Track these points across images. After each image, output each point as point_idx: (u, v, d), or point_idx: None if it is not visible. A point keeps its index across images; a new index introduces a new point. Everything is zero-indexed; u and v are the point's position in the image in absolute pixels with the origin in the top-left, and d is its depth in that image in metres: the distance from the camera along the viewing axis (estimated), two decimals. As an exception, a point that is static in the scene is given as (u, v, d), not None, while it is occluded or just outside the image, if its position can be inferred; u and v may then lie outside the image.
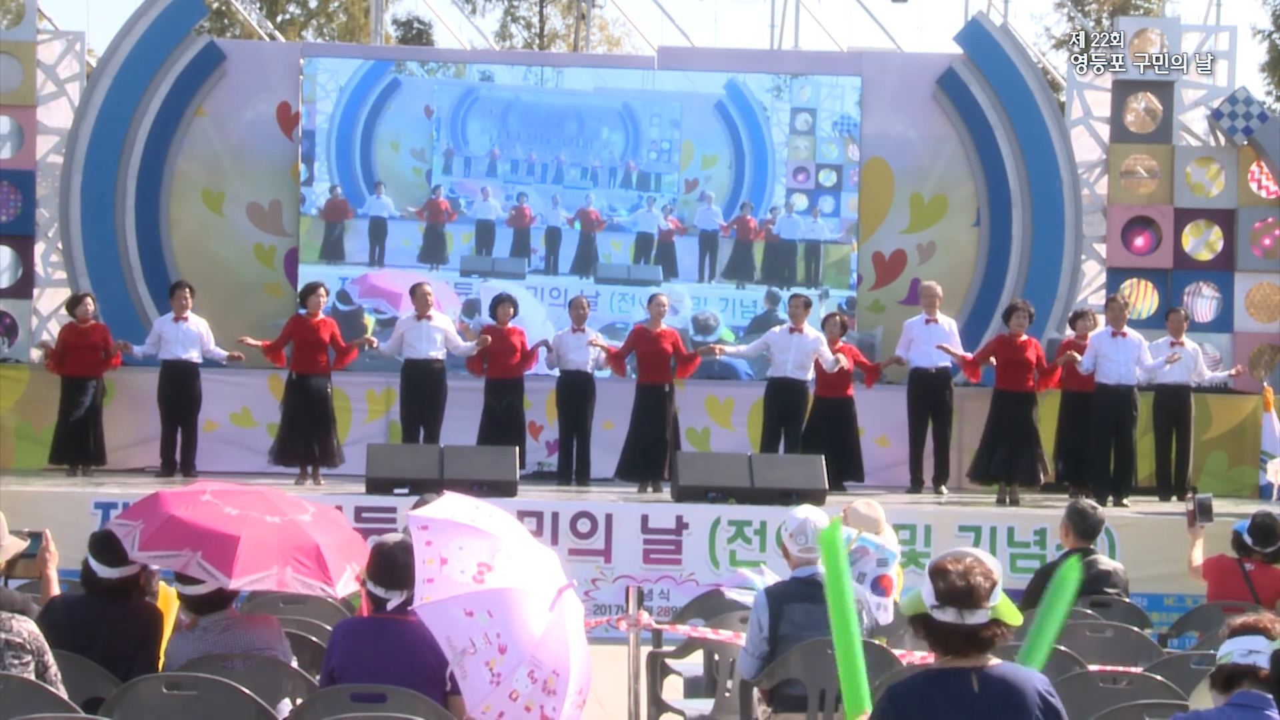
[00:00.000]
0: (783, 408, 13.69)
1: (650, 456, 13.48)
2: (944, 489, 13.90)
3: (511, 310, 13.92)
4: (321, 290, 13.75)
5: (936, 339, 13.81)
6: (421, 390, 13.70)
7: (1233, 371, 14.51)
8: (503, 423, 13.62)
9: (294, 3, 33.93)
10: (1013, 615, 4.29)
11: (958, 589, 4.23)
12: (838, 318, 14.15)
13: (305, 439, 13.39)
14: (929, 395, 13.95)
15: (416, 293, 13.77)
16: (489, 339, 13.63)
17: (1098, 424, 13.42)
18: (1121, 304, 13.79)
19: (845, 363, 13.62)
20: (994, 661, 4.30)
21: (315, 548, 5.92)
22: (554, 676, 5.50)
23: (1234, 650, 4.51)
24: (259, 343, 13.69)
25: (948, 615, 4.24)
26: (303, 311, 13.63)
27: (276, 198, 15.98)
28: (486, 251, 16.01)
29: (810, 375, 13.70)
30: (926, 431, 14.01)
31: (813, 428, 13.81)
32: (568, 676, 5.55)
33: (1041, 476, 13.46)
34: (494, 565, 5.53)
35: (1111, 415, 13.33)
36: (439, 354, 13.70)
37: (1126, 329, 13.41)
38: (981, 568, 4.29)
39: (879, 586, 7.41)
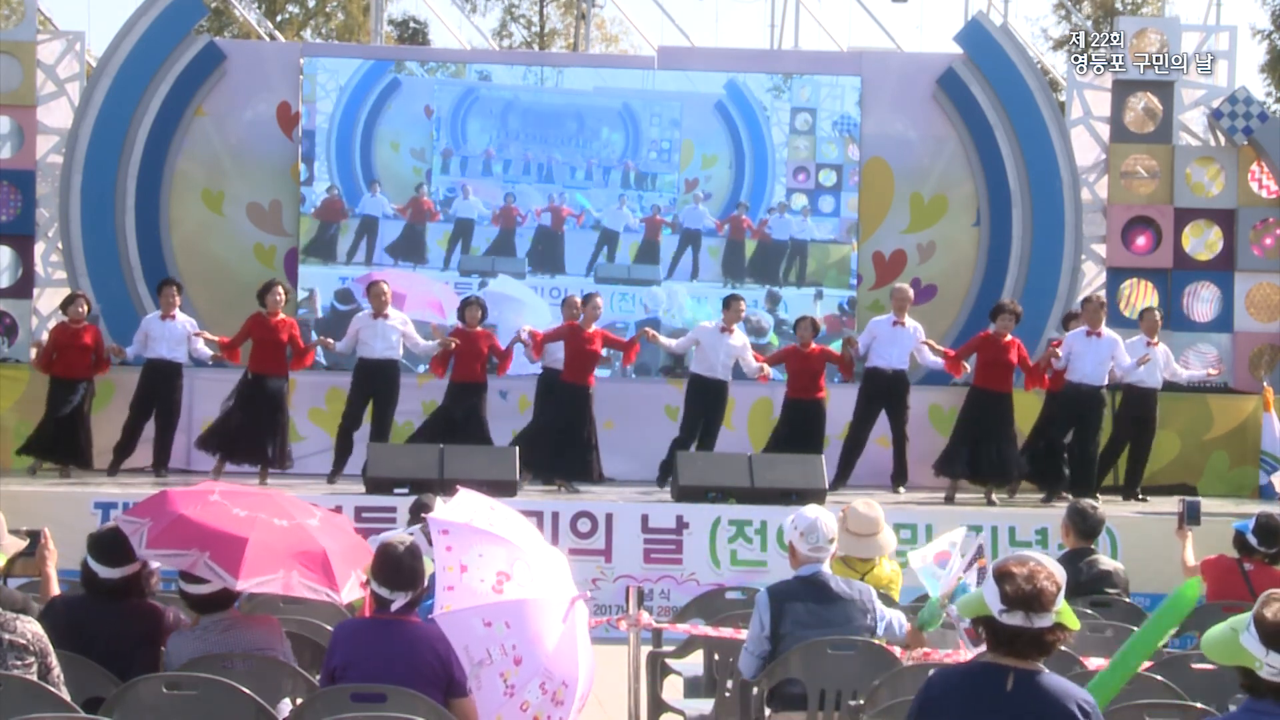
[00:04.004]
0: (705, 406, 13.56)
1: (570, 455, 13.28)
2: (902, 490, 13.75)
3: (480, 314, 13.66)
4: (278, 287, 13.45)
5: (902, 342, 13.71)
6: (372, 390, 13.42)
7: (1210, 371, 14.41)
8: (462, 427, 13.25)
9: (293, 2, 33.93)
10: (1072, 620, 4.29)
11: (1025, 593, 4.21)
12: (809, 320, 13.84)
13: (259, 439, 13.11)
14: (884, 395, 13.76)
15: (373, 290, 13.52)
16: (453, 342, 13.41)
17: (1059, 422, 13.40)
18: (1098, 304, 13.53)
19: (767, 371, 13.54)
20: (1041, 668, 4.27)
21: (322, 553, 5.91)
22: (563, 688, 5.52)
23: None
24: (215, 339, 13.55)
25: (1015, 619, 4.22)
26: (262, 310, 13.34)
27: (276, 198, 15.97)
28: (484, 251, 15.99)
29: (730, 376, 13.63)
30: (871, 429, 13.84)
31: (782, 430, 13.69)
32: (575, 687, 5.58)
33: (1014, 475, 13.42)
34: (513, 574, 5.54)
35: (1074, 413, 13.29)
36: (395, 354, 13.47)
37: (1104, 329, 13.35)
38: (1046, 571, 4.27)
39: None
